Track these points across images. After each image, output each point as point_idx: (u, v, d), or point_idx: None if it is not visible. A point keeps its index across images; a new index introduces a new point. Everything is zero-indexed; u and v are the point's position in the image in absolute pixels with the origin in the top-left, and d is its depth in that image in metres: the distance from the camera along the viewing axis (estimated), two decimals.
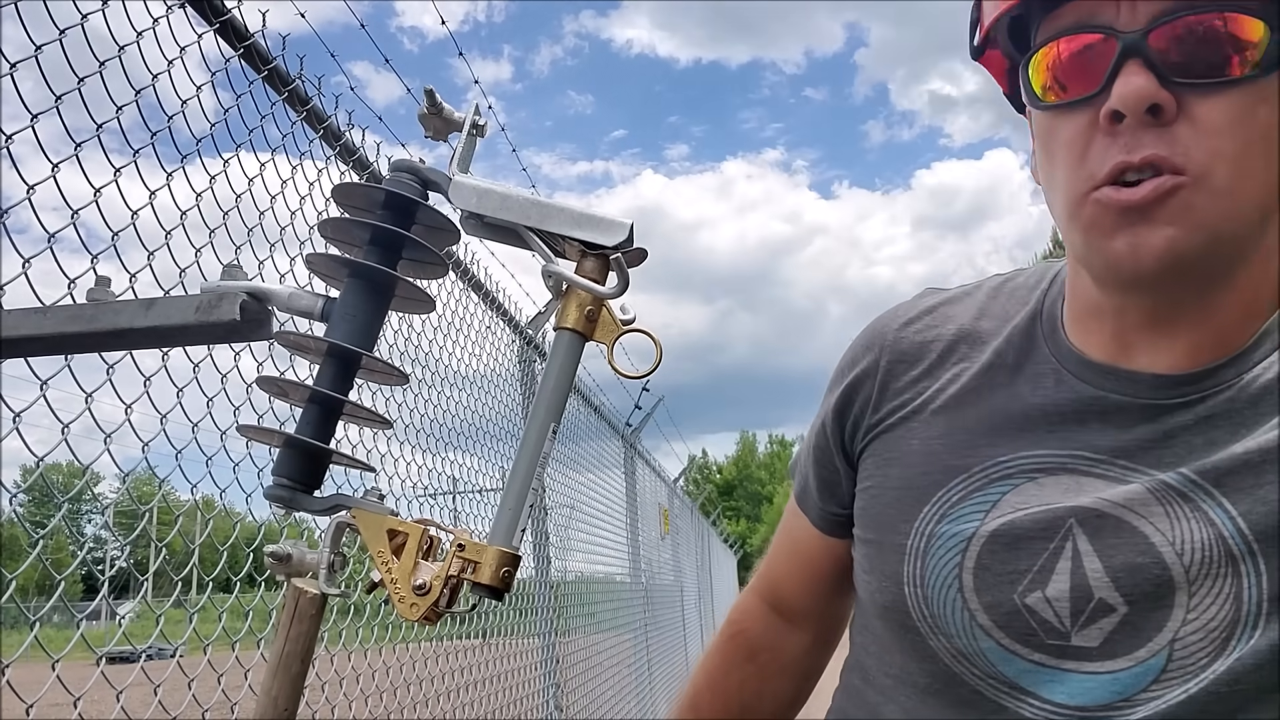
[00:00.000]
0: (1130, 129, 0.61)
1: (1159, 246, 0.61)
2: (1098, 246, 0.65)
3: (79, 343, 0.66)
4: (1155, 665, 0.62)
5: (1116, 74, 0.61)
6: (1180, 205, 0.60)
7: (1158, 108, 0.60)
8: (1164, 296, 0.67)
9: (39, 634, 1.25)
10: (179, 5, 1.55)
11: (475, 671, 3.03)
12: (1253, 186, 0.62)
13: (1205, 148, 0.60)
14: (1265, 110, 0.61)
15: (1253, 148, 0.61)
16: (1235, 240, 0.63)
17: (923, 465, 0.75)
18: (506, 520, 0.62)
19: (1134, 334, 0.70)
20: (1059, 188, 0.68)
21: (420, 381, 2.61)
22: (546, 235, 0.67)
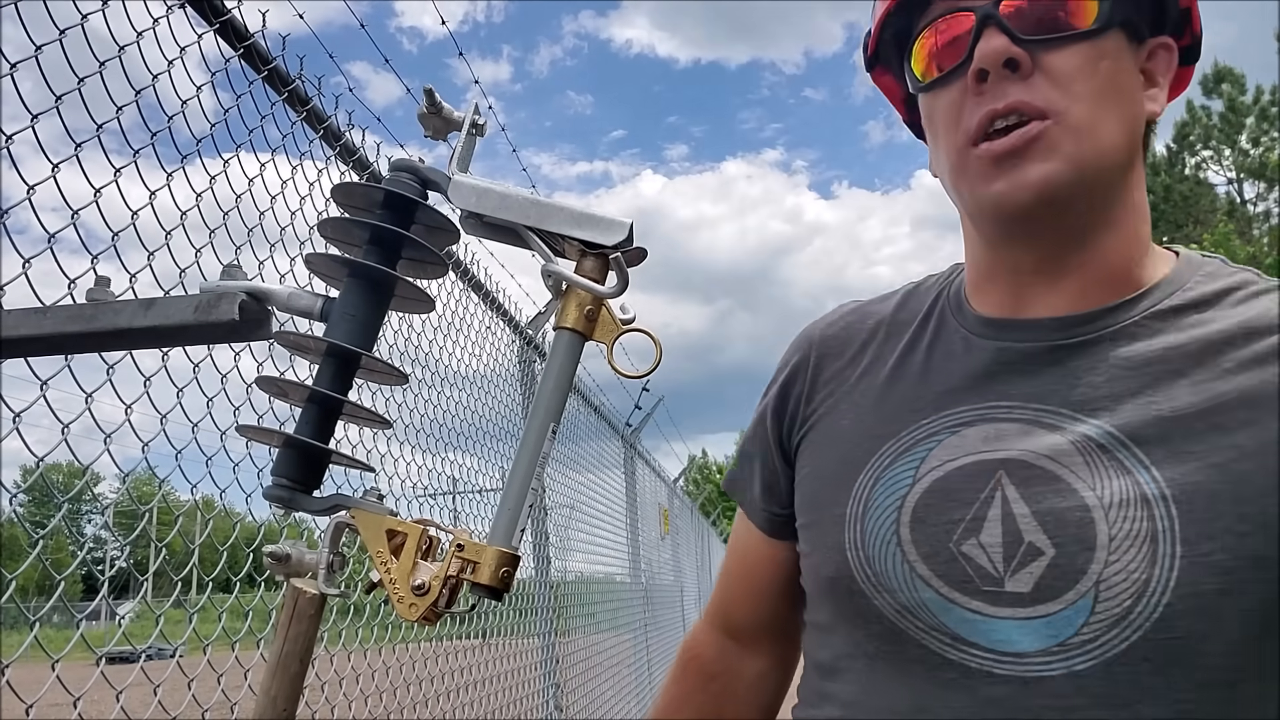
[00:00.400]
0: (994, 84, 0.70)
1: (1035, 180, 0.69)
2: (983, 194, 0.72)
3: (79, 343, 0.66)
4: (1084, 606, 0.66)
5: (977, 41, 0.71)
6: (1046, 144, 0.69)
7: (1014, 62, 0.69)
8: (1048, 240, 0.74)
9: (39, 634, 1.25)
10: (179, 5, 1.55)
11: (475, 672, 3.02)
12: (1107, 127, 0.70)
13: (1060, 92, 0.69)
14: (1107, 64, 0.71)
15: (1102, 93, 0.70)
16: (1100, 174, 0.71)
17: (854, 439, 0.81)
18: (506, 520, 0.62)
19: (1027, 287, 0.77)
20: (943, 154, 0.76)
21: (420, 381, 2.61)
22: (546, 235, 0.67)
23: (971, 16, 0.72)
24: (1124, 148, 0.73)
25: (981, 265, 0.81)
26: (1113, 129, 0.71)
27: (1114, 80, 0.72)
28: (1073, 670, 0.65)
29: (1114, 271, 0.75)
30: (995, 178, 0.71)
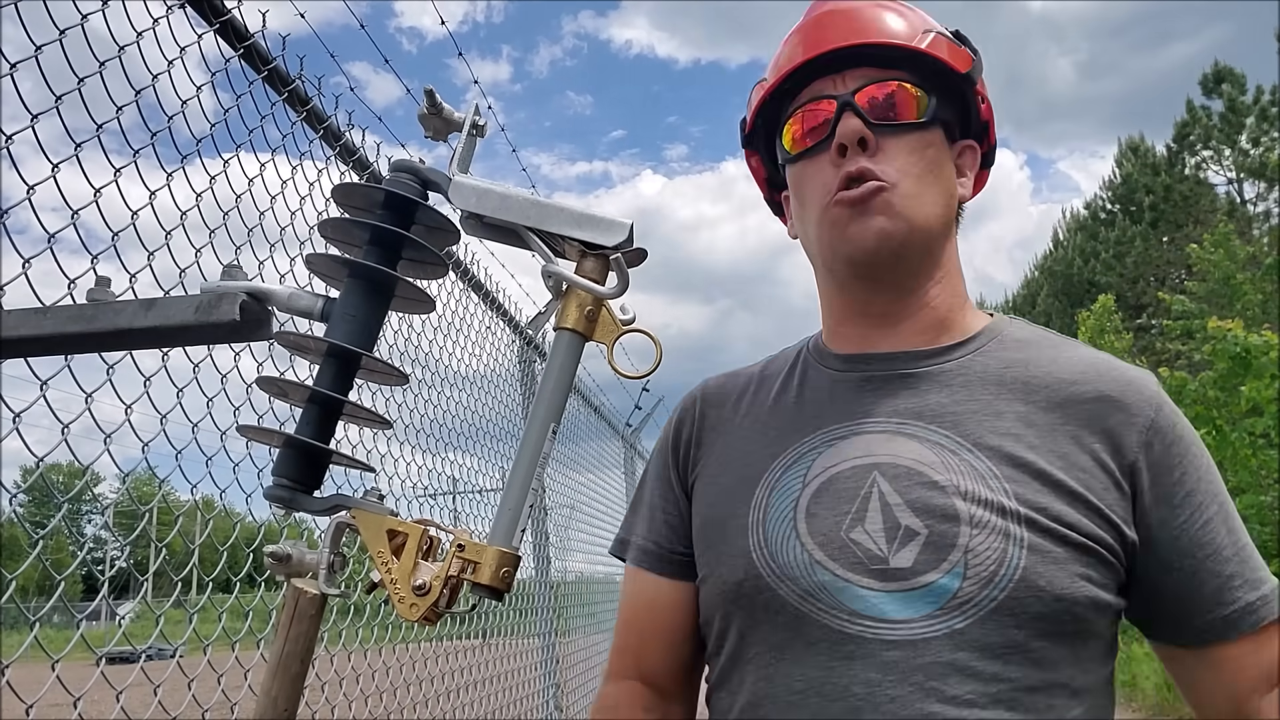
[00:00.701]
0: (850, 157, 0.91)
1: (876, 230, 0.90)
2: (839, 239, 0.92)
3: (79, 343, 0.66)
4: (957, 574, 0.80)
5: (838, 122, 0.91)
6: (883, 203, 0.89)
7: (865, 140, 0.90)
8: (888, 284, 0.95)
9: (39, 634, 1.25)
10: (179, 5, 1.55)
11: (475, 672, 3.03)
12: (929, 198, 0.92)
13: (896, 167, 0.91)
14: (931, 151, 0.94)
15: (927, 172, 0.92)
16: (924, 234, 0.92)
17: (747, 461, 0.95)
18: (506, 520, 0.62)
19: (876, 329, 0.97)
20: (812, 210, 0.95)
21: (420, 381, 2.61)
22: (546, 235, 0.67)
23: (833, 104, 0.93)
24: (942, 217, 0.94)
25: (836, 311, 1.01)
26: (933, 201, 0.93)
27: (935, 164, 0.94)
28: (953, 629, 0.79)
29: (941, 318, 0.96)
30: (849, 226, 0.91)
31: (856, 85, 0.93)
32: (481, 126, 0.70)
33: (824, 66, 0.94)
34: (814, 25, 0.99)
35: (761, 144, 1.05)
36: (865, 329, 0.97)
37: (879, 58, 0.93)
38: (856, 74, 0.93)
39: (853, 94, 0.92)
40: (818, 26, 0.98)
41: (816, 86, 0.95)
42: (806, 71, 0.95)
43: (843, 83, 0.94)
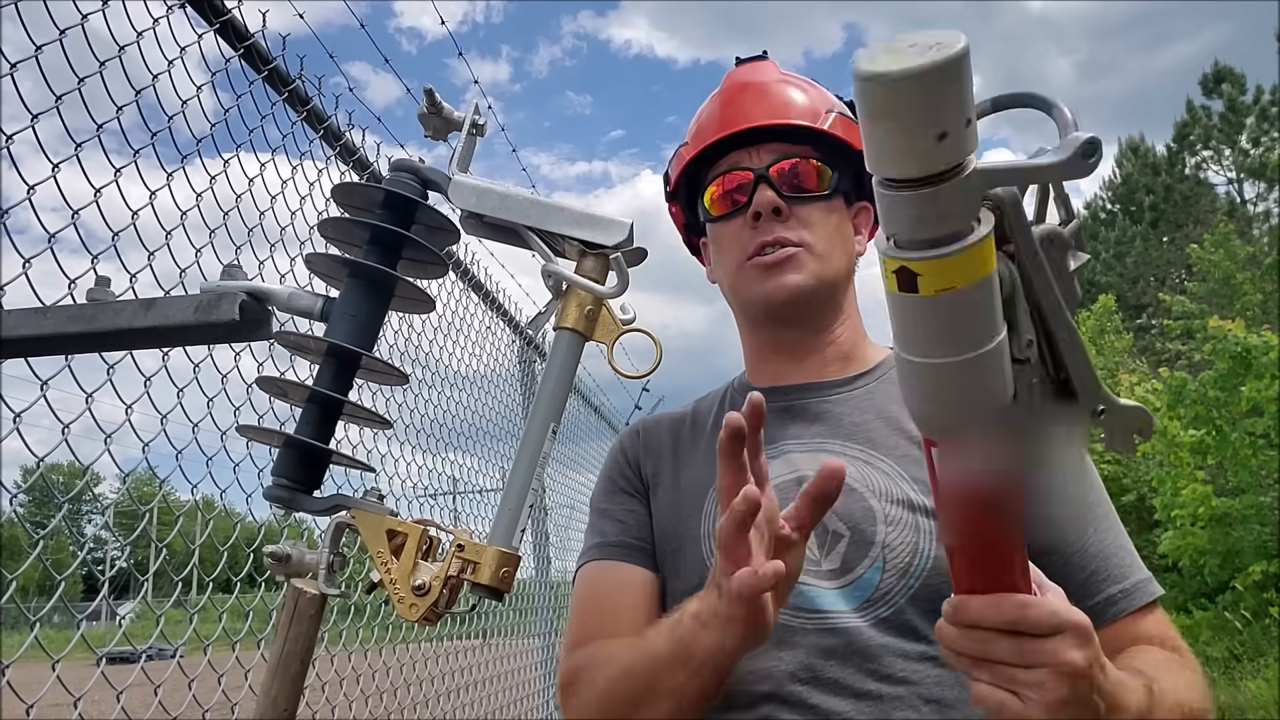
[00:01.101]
0: (764, 223, 1.05)
1: (789, 285, 1.04)
2: (755, 292, 1.06)
3: (79, 343, 0.66)
4: (876, 568, 0.92)
5: (754, 193, 1.06)
6: (796, 263, 1.05)
7: (779, 209, 1.05)
8: (798, 326, 1.10)
9: (39, 634, 1.25)
10: (179, 5, 1.55)
11: (475, 672, 3.03)
12: (835, 255, 1.08)
13: (806, 231, 1.06)
14: (836, 216, 1.09)
15: (833, 234, 1.08)
16: (831, 286, 1.08)
17: (692, 480, 1.07)
18: (506, 520, 0.62)
19: (789, 362, 1.12)
20: (728, 267, 1.10)
21: (420, 381, 2.61)
22: (546, 235, 0.67)
23: (749, 175, 1.07)
24: (845, 269, 1.11)
25: (753, 350, 1.16)
26: (839, 258, 1.08)
27: (838, 227, 1.10)
28: (878, 617, 0.91)
29: (846, 353, 1.12)
30: (763, 280, 1.05)
31: (770, 160, 1.07)
32: (481, 126, 0.70)
33: (740, 139, 1.08)
34: (731, 99, 1.13)
35: (683, 196, 1.19)
36: (780, 364, 1.12)
37: (788, 134, 1.08)
38: (769, 149, 1.08)
39: (766, 168, 1.06)
40: (735, 101, 1.12)
41: (734, 157, 1.09)
42: (725, 143, 1.09)
43: (758, 156, 1.08)
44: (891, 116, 0.45)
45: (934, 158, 0.46)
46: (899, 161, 0.47)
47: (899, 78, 0.43)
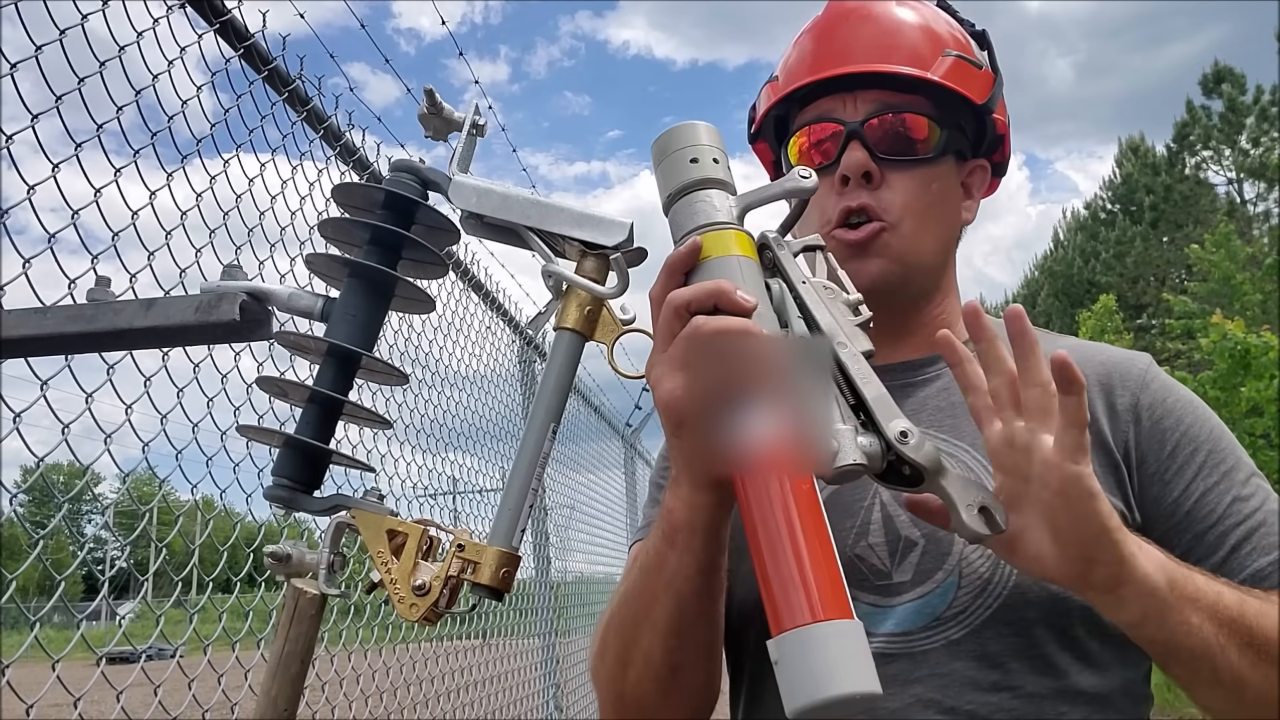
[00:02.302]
0: (852, 188, 0.90)
1: (872, 271, 0.89)
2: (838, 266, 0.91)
3: (79, 343, 0.66)
4: (951, 584, 0.81)
5: (843, 151, 0.90)
6: (882, 244, 0.90)
7: (869, 174, 0.90)
8: (887, 308, 0.91)
9: (39, 634, 1.25)
10: (179, 6, 1.55)
11: (475, 672, 3.02)
12: (930, 236, 0.92)
13: (899, 204, 0.90)
14: (937, 185, 0.92)
15: (929, 209, 0.91)
16: (921, 270, 0.93)
17: None
18: (506, 520, 0.62)
19: (876, 342, 0.95)
20: (808, 227, 0.93)
21: (420, 381, 2.61)
22: (546, 235, 0.67)
23: (840, 129, 0.91)
24: (941, 251, 0.95)
25: None
26: (934, 237, 0.93)
27: (940, 197, 0.93)
28: (950, 640, 0.79)
29: (942, 329, 0.94)
30: (846, 262, 0.87)
31: (866, 112, 0.91)
32: (481, 126, 0.70)
33: (835, 82, 0.92)
34: (830, 30, 0.97)
35: (771, 134, 1.04)
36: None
37: (892, 80, 0.91)
38: (868, 97, 0.91)
39: (861, 123, 0.90)
40: (833, 33, 0.96)
41: (825, 104, 0.94)
42: (818, 85, 0.94)
43: (853, 105, 0.92)
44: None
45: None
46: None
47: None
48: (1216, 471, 0.83)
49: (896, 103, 0.91)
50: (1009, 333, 0.68)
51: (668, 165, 0.71)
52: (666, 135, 0.72)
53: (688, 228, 0.68)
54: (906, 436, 0.62)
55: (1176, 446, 0.84)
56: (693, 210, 0.68)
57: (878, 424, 0.63)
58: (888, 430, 0.62)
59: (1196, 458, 0.84)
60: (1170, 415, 0.86)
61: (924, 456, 0.63)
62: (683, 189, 0.69)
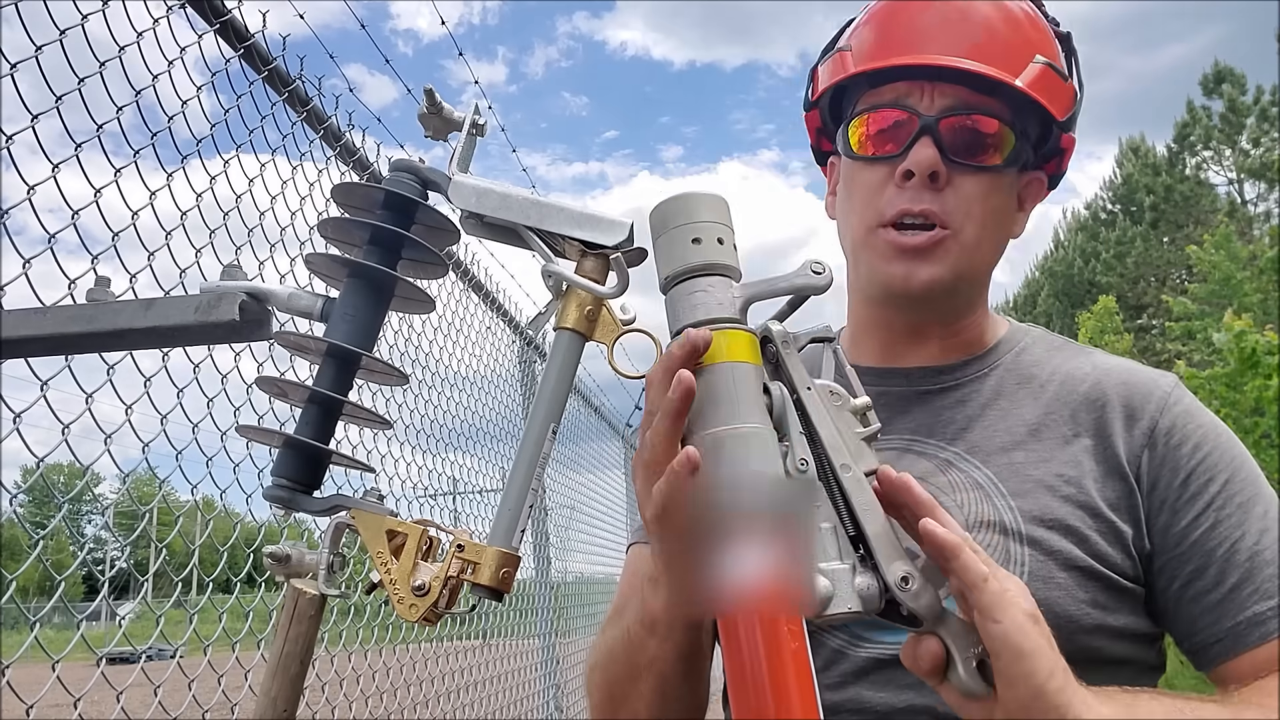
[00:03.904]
0: (915, 186, 0.85)
1: (925, 278, 0.86)
2: (882, 270, 0.88)
3: (79, 343, 0.66)
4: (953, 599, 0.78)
5: (914, 144, 0.85)
6: (942, 251, 0.85)
7: (937, 175, 0.84)
8: (923, 314, 0.92)
9: (39, 634, 1.24)
10: (179, 6, 1.55)
11: (475, 672, 3.02)
12: (987, 246, 0.89)
13: (963, 212, 0.85)
14: (999, 196, 0.88)
15: (990, 219, 0.87)
16: (973, 281, 0.91)
17: None
18: (506, 521, 0.62)
19: (898, 344, 0.95)
20: (854, 217, 0.91)
21: (420, 382, 2.61)
22: (546, 235, 0.66)
23: (912, 118, 0.86)
24: (993, 261, 0.92)
25: (860, 321, 0.99)
26: (990, 248, 0.90)
27: (1001, 209, 0.89)
28: None
29: (968, 338, 0.95)
30: (895, 262, 0.87)
31: (943, 107, 0.85)
32: (481, 126, 0.70)
33: (915, 69, 0.87)
34: (917, 9, 0.90)
35: (826, 104, 0.98)
36: (887, 343, 0.95)
37: (975, 78, 0.85)
38: (947, 91, 0.85)
39: (937, 119, 0.84)
40: (920, 14, 0.89)
41: (899, 88, 0.88)
42: (894, 69, 0.87)
43: (929, 97, 0.86)
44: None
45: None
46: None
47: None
48: (1231, 504, 0.80)
49: (976, 102, 0.85)
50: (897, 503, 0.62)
51: (667, 242, 0.64)
52: (667, 206, 0.65)
53: (685, 321, 0.63)
54: (908, 583, 0.58)
55: (1191, 475, 0.81)
56: (692, 302, 0.63)
57: (878, 564, 0.58)
58: (888, 574, 0.58)
59: (1211, 488, 0.81)
60: (1189, 441, 0.83)
61: (924, 607, 0.58)
62: (682, 274, 0.63)
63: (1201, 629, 0.79)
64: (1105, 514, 0.80)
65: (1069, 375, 0.90)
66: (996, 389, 0.90)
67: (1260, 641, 0.75)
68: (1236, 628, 0.76)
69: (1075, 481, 0.82)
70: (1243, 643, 0.76)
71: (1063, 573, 0.78)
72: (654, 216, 0.66)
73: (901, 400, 0.92)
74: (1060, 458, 0.84)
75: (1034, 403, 0.88)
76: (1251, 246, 14.60)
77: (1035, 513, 0.81)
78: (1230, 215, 21.65)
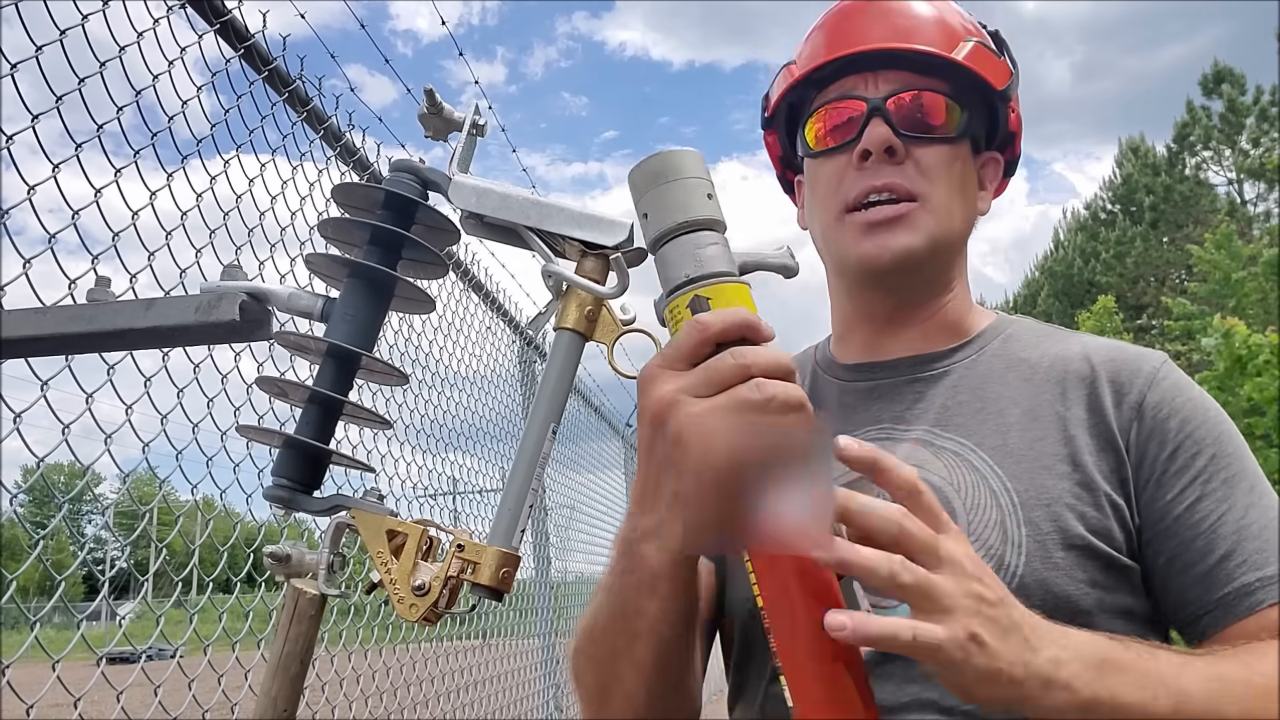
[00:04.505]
0: (874, 165, 0.88)
1: (899, 246, 0.88)
2: (854, 250, 0.90)
3: (79, 343, 0.66)
4: None
5: (865, 126, 0.89)
6: (909, 222, 0.88)
7: (893, 149, 0.88)
8: (899, 293, 0.94)
9: (39, 634, 1.25)
10: (179, 6, 1.55)
11: (475, 672, 3.03)
12: (956, 213, 0.91)
13: (926, 180, 0.89)
14: (959, 164, 0.92)
15: (955, 186, 0.91)
16: (946, 249, 0.92)
17: None
18: (506, 521, 0.62)
19: (882, 334, 0.97)
20: (821, 211, 0.94)
21: (420, 381, 2.61)
22: (546, 235, 0.66)
23: (862, 105, 0.90)
24: (964, 231, 0.94)
25: (844, 317, 1.01)
26: (959, 215, 0.92)
27: (963, 178, 0.93)
28: None
29: (949, 323, 0.96)
30: (865, 239, 0.89)
31: (889, 90, 0.90)
32: (481, 126, 0.70)
33: (857, 62, 0.91)
34: (849, 14, 0.96)
35: (782, 125, 1.02)
36: (871, 334, 0.98)
37: (915, 62, 0.90)
38: (890, 77, 0.90)
39: (884, 99, 0.89)
40: (853, 17, 0.95)
41: (847, 83, 0.92)
42: (838, 67, 0.92)
43: (875, 84, 0.91)
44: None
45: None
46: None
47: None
48: (1216, 478, 0.80)
49: (919, 82, 0.90)
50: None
51: (676, 191, 0.63)
52: (676, 157, 0.64)
53: (710, 269, 0.62)
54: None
55: (1178, 449, 0.82)
56: (711, 253, 0.62)
57: None
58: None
59: (1197, 462, 0.81)
60: (1176, 416, 0.83)
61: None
62: (696, 224, 0.62)
63: (1190, 601, 0.79)
64: (1102, 488, 0.81)
65: (1058, 356, 0.91)
66: (986, 373, 0.92)
67: (1249, 612, 0.75)
68: (1225, 598, 0.77)
69: (1071, 458, 0.83)
70: (1232, 613, 0.76)
71: (1061, 552, 0.79)
72: (658, 167, 0.64)
73: (892, 390, 0.94)
74: (1055, 436, 0.85)
75: (1025, 384, 0.90)
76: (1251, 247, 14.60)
77: (1032, 493, 0.82)
78: (1230, 215, 21.66)
